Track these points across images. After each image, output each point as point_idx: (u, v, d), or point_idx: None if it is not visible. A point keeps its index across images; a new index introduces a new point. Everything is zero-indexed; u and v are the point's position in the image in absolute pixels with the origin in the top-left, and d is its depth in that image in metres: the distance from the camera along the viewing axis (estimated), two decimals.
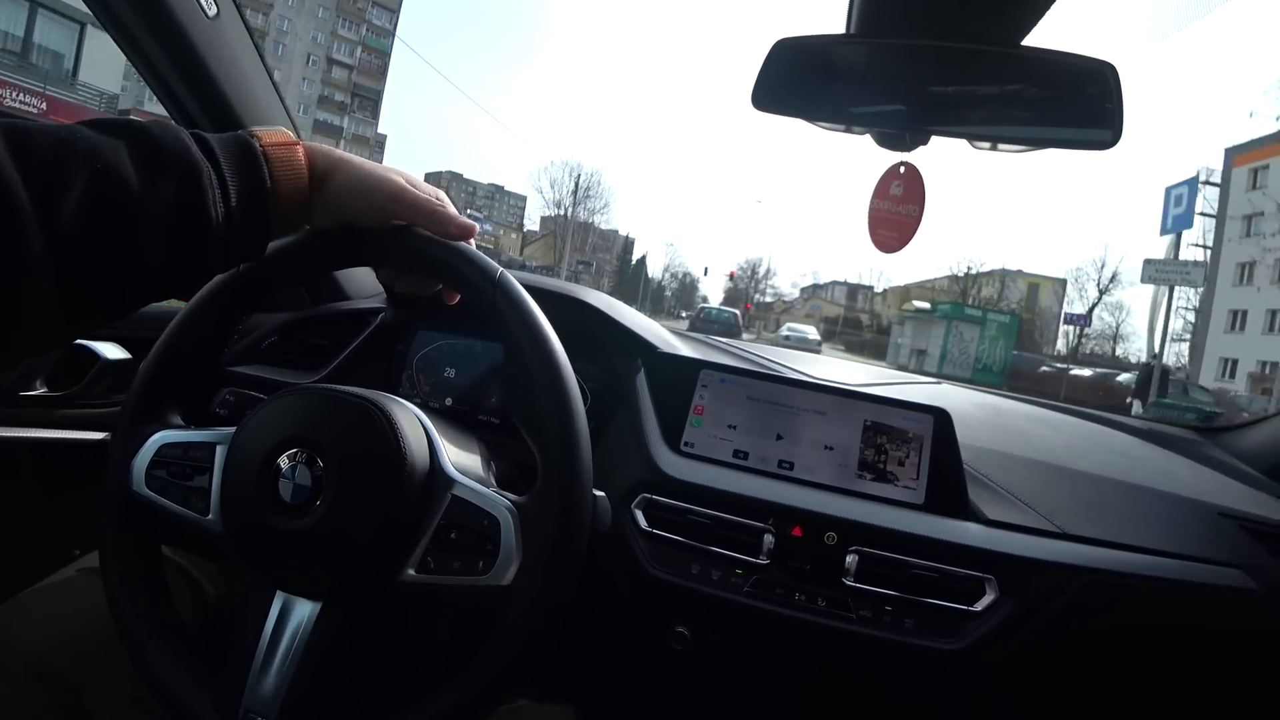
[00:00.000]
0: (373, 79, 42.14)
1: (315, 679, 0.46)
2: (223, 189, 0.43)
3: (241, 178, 0.44)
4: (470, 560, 0.45)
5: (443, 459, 0.48)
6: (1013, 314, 23.32)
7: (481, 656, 0.45)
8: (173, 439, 0.52)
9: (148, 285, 0.43)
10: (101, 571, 0.52)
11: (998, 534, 0.64)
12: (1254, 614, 0.64)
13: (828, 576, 0.62)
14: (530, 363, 0.49)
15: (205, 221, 0.42)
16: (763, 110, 0.59)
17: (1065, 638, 0.61)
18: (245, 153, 0.45)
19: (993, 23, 0.55)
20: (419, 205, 0.51)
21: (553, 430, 0.47)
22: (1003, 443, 0.78)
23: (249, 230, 0.46)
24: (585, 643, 0.70)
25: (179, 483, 0.51)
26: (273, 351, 0.84)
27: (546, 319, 0.50)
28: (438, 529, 0.46)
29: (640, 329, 0.79)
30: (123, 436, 0.53)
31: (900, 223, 0.68)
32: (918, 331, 22.13)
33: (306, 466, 0.44)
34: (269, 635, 0.47)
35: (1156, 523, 0.69)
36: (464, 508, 0.46)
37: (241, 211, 0.44)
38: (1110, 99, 0.51)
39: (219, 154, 0.44)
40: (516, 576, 0.45)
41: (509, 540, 0.45)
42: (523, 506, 0.46)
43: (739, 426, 0.72)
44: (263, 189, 0.46)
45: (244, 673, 0.46)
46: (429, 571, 0.45)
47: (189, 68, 0.76)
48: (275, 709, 0.45)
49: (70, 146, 0.38)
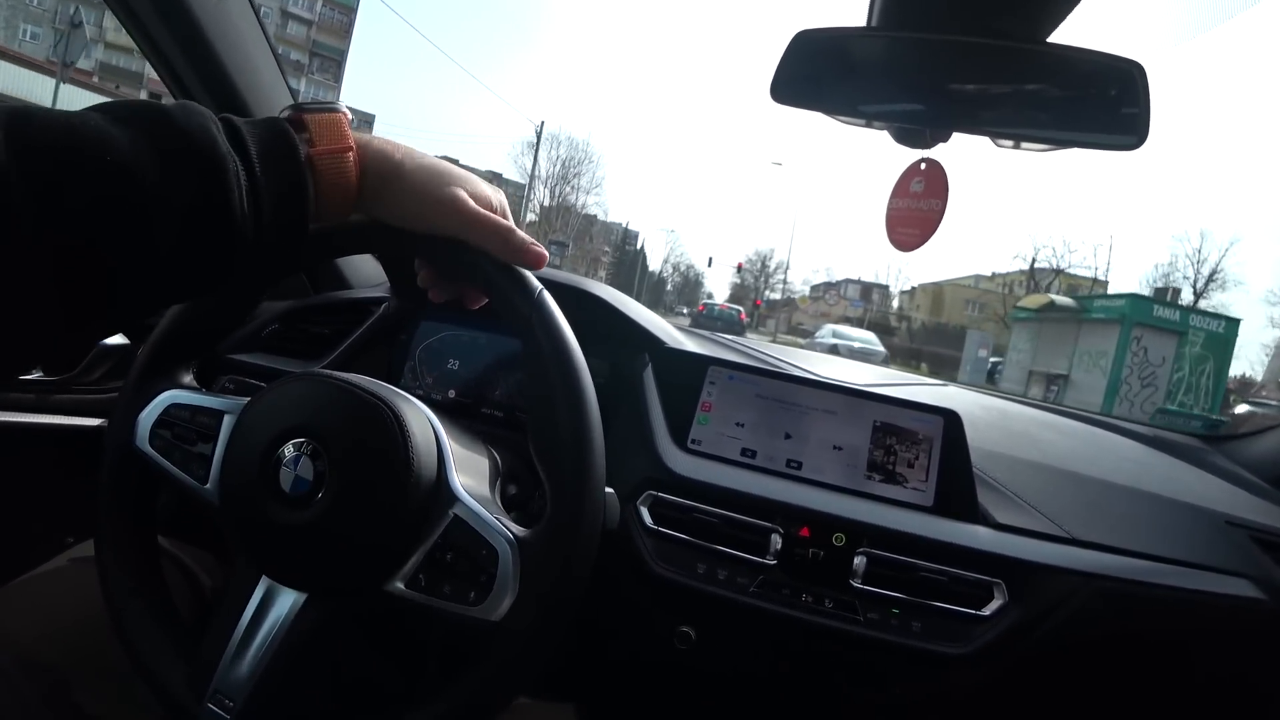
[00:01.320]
0: (335, 37, 35.85)
1: (288, 671, 0.45)
2: (253, 190, 0.38)
3: (277, 183, 0.39)
4: (463, 588, 0.43)
5: (450, 473, 0.46)
6: (1229, 319, 12.52)
7: (460, 684, 0.44)
8: (182, 400, 0.51)
9: (159, 290, 0.39)
10: (94, 535, 0.51)
11: (1007, 538, 0.63)
12: (1260, 624, 0.63)
13: (835, 578, 0.61)
14: (556, 400, 0.46)
15: (227, 224, 0.37)
16: (781, 103, 0.58)
17: (1074, 643, 0.61)
18: (285, 152, 0.40)
19: (1017, 18, 0.54)
20: (485, 227, 0.47)
21: (569, 473, 0.45)
22: (1011, 446, 0.77)
23: (280, 239, 0.41)
24: (587, 641, 0.69)
25: (182, 445, 0.50)
26: (274, 339, 0.83)
27: (580, 353, 0.48)
28: (433, 548, 0.44)
29: (648, 324, 0.79)
30: (131, 389, 0.52)
31: (922, 218, 0.67)
32: (1045, 342, 13.67)
33: (310, 459, 0.43)
34: (248, 619, 0.46)
35: (1164, 530, 0.68)
36: (464, 531, 0.44)
37: (273, 218, 0.40)
38: (1137, 100, 0.50)
39: (252, 148, 0.39)
40: (508, 614, 0.43)
41: (505, 575, 0.43)
42: (525, 543, 0.44)
43: (747, 425, 0.71)
44: (303, 198, 0.41)
45: (218, 653, 0.46)
46: (419, 589, 0.44)
47: (192, 45, 0.75)
48: (244, 695, 0.45)
49: (79, 136, 0.34)
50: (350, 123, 0.44)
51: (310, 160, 0.41)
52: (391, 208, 0.46)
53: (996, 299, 31.82)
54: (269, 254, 0.41)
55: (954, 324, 31.30)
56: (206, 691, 0.45)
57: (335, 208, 0.43)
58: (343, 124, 0.43)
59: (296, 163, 0.40)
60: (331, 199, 0.43)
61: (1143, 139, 0.51)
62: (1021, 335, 14.68)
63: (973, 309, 33.60)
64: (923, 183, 0.66)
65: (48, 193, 0.32)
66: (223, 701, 0.45)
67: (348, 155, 0.43)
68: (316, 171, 0.41)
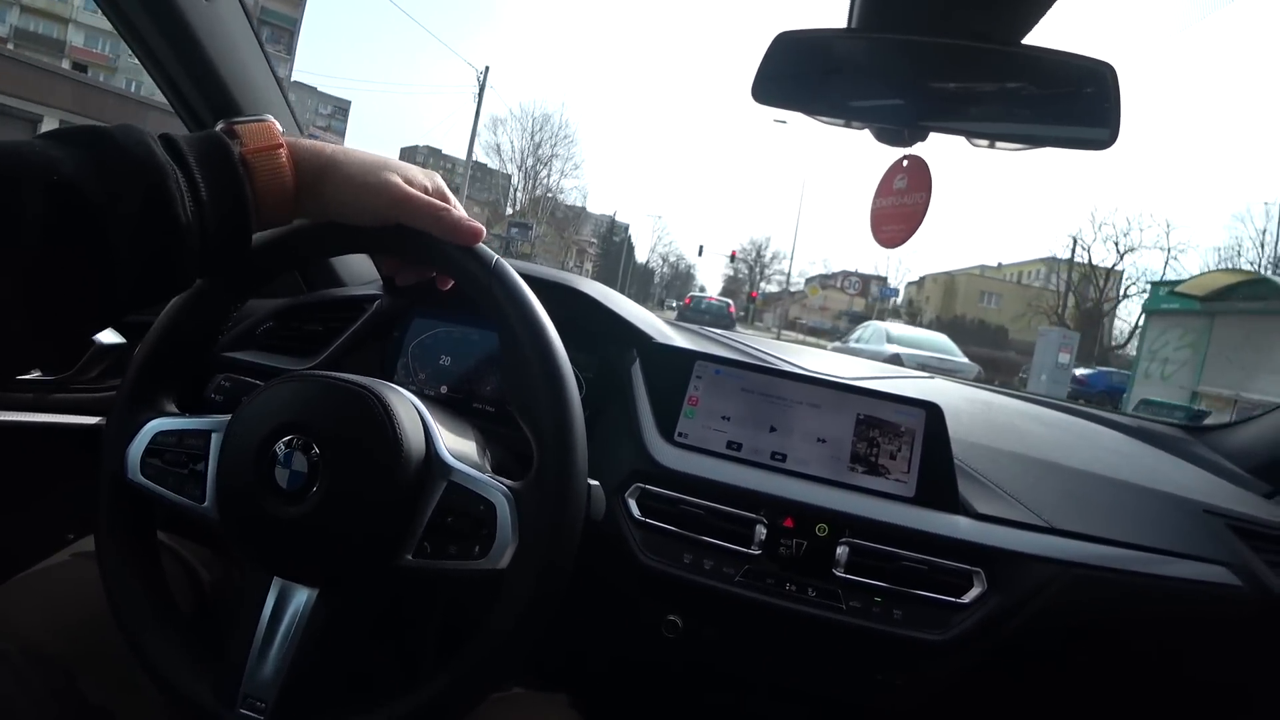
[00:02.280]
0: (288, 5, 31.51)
1: (313, 664, 0.47)
2: (193, 193, 0.41)
3: (215, 183, 0.42)
4: (466, 545, 0.46)
5: (439, 446, 0.48)
6: None
7: (476, 640, 0.45)
8: (167, 426, 0.52)
9: (120, 298, 0.41)
10: (97, 560, 0.52)
11: (986, 528, 0.65)
12: (1237, 610, 0.65)
13: (818, 567, 0.62)
14: (526, 352, 0.49)
15: (174, 226, 0.40)
16: (763, 103, 0.59)
17: (1052, 630, 0.62)
18: (219, 155, 0.43)
19: (994, 21, 0.55)
20: (422, 211, 0.49)
21: (548, 418, 0.48)
22: (993, 438, 0.78)
23: (227, 237, 0.44)
24: (579, 631, 0.70)
25: (174, 470, 0.50)
26: (267, 337, 0.84)
27: (542, 308, 0.50)
28: (434, 515, 0.46)
29: (636, 319, 0.80)
30: (117, 424, 0.53)
31: (906, 213, 0.68)
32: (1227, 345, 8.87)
33: (303, 453, 0.44)
34: (267, 620, 0.47)
35: (1143, 519, 0.70)
36: (460, 493, 0.46)
37: (217, 218, 0.42)
38: (1108, 99, 0.52)
39: (189, 156, 0.42)
40: (513, 560, 0.45)
41: (505, 525, 0.45)
42: (519, 492, 0.47)
43: (733, 418, 0.72)
44: (241, 195, 0.43)
45: (242, 658, 0.47)
46: (426, 556, 0.46)
47: (184, 50, 0.75)
48: (274, 694, 0.46)
49: (24, 160, 0.36)
50: (279, 130, 0.47)
51: (244, 159, 0.44)
52: (330, 202, 0.48)
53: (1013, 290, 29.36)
54: (218, 253, 0.44)
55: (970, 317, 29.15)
56: (237, 697, 0.46)
57: (275, 204, 0.46)
58: (272, 128, 0.46)
59: (231, 163, 0.43)
60: (269, 195, 0.45)
61: (1114, 137, 0.53)
62: (1171, 334, 10.12)
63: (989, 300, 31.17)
64: (906, 179, 0.68)
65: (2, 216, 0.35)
66: (254, 704, 0.46)
67: (279, 151, 0.45)
68: (251, 169, 0.44)
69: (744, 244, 44.29)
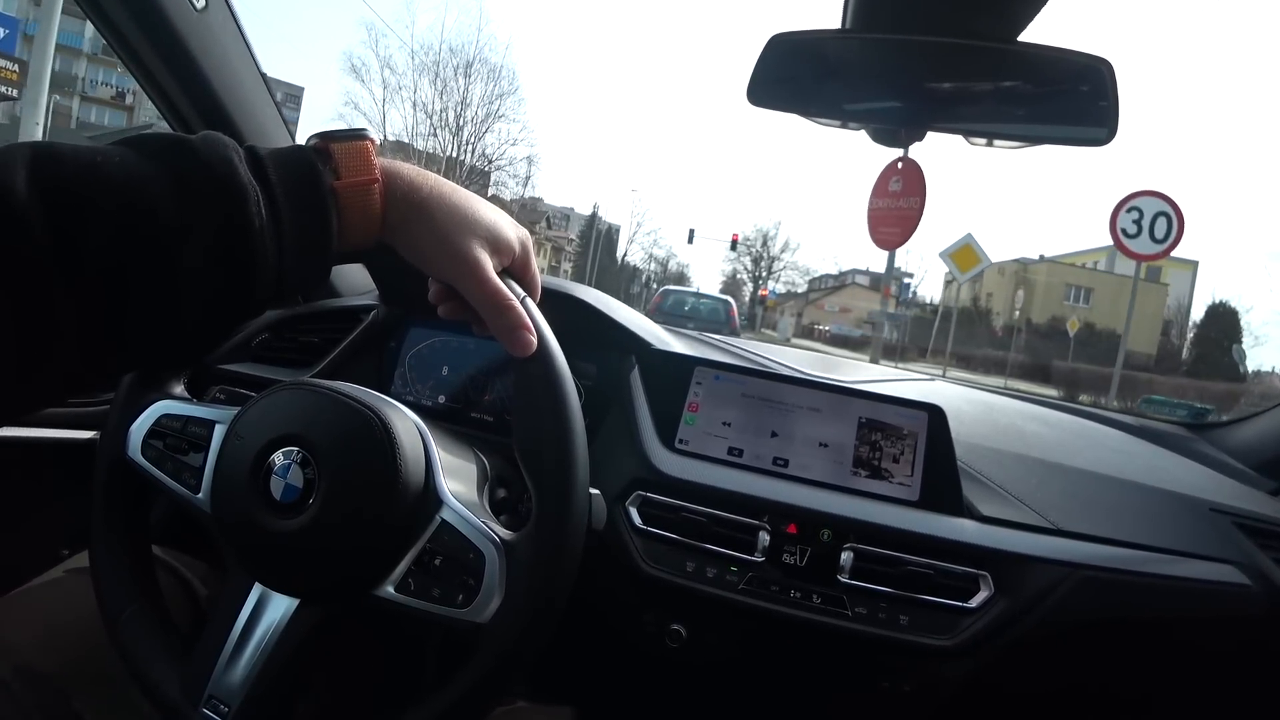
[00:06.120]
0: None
1: (282, 675, 0.46)
2: (275, 223, 0.38)
3: (300, 214, 0.39)
4: (450, 591, 0.44)
5: (438, 478, 0.47)
6: None
7: (446, 688, 0.44)
8: (173, 410, 0.51)
9: (185, 331, 0.38)
10: (89, 541, 0.52)
11: (992, 530, 0.64)
12: (1245, 609, 0.64)
13: (823, 574, 0.62)
14: (539, 403, 0.47)
15: (249, 254, 0.37)
16: (758, 105, 0.59)
17: (1060, 633, 0.62)
18: (309, 183, 0.40)
19: (989, 18, 0.54)
20: (487, 302, 0.46)
21: (551, 472, 0.46)
22: (996, 439, 0.78)
23: (304, 274, 0.41)
24: (582, 642, 0.69)
25: (174, 456, 0.50)
26: (264, 349, 0.84)
27: (561, 351, 0.48)
28: (422, 552, 0.45)
29: (634, 326, 0.79)
30: (122, 400, 0.53)
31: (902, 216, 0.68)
32: None
33: (300, 467, 0.44)
34: (242, 625, 0.47)
35: (1149, 519, 0.69)
36: (451, 535, 0.45)
37: (296, 250, 0.39)
38: (1106, 95, 0.51)
39: (273, 177, 0.38)
40: (494, 616, 0.44)
41: (492, 578, 0.44)
42: (511, 546, 0.45)
43: (733, 424, 0.71)
44: (326, 230, 0.40)
45: (213, 657, 0.46)
46: (408, 593, 0.45)
47: (176, 61, 0.75)
48: (239, 699, 0.45)
49: (102, 174, 0.34)
50: (377, 150, 0.43)
51: (334, 192, 0.41)
52: (410, 247, 0.45)
53: (1107, 282, 23.29)
54: (291, 288, 0.41)
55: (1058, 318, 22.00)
56: (201, 696, 0.46)
57: (356, 239, 0.43)
58: (369, 152, 0.42)
59: (320, 194, 0.40)
60: (353, 231, 0.42)
61: (1113, 134, 0.52)
62: None
63: (1076, 296, 24.84)
64: (900, 181, 0.67)
65: (70, 233, 0.32)
66: (217, 706, 0.46)
67: (373, 187, 0.42)
68: (341, 204, 0.41)
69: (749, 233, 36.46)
